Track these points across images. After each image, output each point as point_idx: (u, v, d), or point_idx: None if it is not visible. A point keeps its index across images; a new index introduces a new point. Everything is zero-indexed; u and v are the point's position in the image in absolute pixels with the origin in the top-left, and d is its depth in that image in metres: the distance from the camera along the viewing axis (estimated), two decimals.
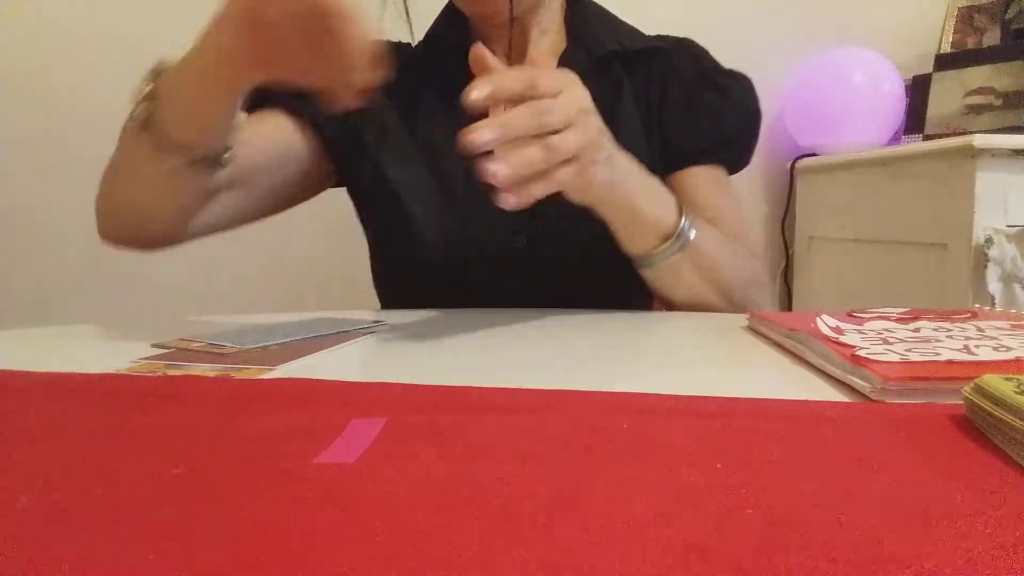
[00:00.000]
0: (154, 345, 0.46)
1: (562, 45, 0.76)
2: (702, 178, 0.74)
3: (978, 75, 1.35)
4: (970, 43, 1.52)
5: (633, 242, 0.62)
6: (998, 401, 0.26)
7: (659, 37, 0.79)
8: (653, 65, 0.76)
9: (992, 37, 1.49)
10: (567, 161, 0.48)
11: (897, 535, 0.19)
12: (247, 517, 0.20)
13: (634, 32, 0.78)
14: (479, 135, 0.43)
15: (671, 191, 0.64)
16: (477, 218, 0.66)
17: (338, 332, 0.49)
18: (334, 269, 1.51)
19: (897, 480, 0.23)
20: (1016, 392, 0.25)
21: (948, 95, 1.38)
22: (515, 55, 0.75)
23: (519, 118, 0.45)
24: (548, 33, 0.76)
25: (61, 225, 1.63)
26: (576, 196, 0.54)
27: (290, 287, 1.63)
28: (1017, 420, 0.24)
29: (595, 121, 0.51)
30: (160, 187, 0.57)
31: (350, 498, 0.21)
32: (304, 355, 0.42)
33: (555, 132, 0.47)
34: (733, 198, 0.77)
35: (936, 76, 1.41)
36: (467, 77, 0.46)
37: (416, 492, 0.22)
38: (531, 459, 0.25)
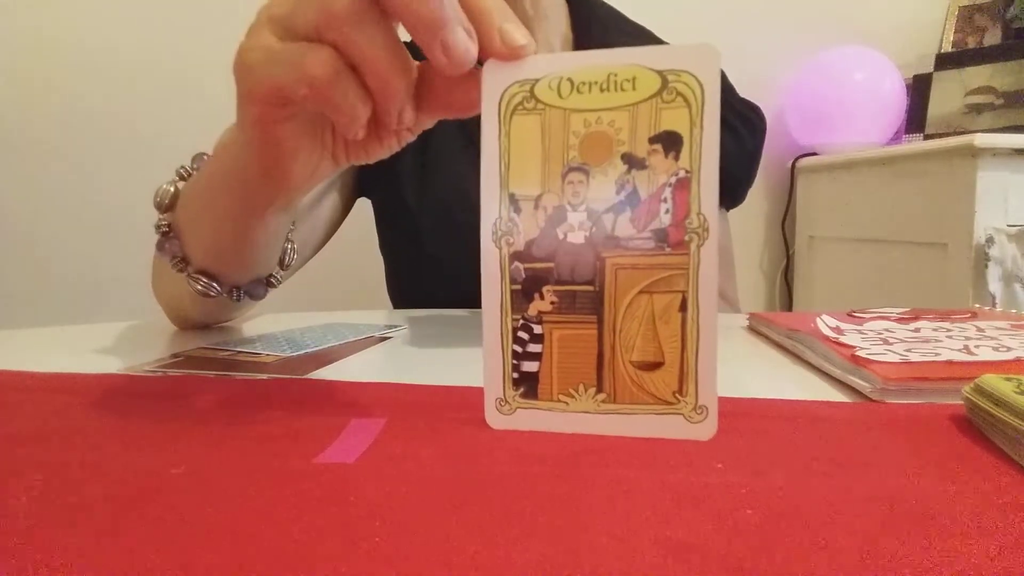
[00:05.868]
0: (175, 355, 0.43)
1: (569, 35, 0.74)
2: None
3: (979, 74, 1.35)
4: (971, 42, 1.52)
5: None
6: (998, 401, 0.26)
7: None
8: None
9: (993, 36, 1.49)
10: None
11: (896, 535, 0.19)
12: (247, 517, 0.20)
13: (641, 31, 0.76)
14: None
15: None
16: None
17: (365, 337, 0.49)
18: (333, 264, 1.51)
19: (897, 480, 0.22)
20: (1016, 392, 0.25)
21: (949, 94, 1.38)
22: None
23: None
24: (551, 19, 0.73)
25: (58, 226, 1.63)
26: None
27: (289, 284, 1.63)
28: (1017, 420, 0.24)
29: None
30: (193, 299, 0.47)
31: (350, 498, 0.21)
32: (335, 360, 0.42)
33: None
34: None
35: (937, 75, 1.41)
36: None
37: (416, 492, 0.22)
38: (531, 459, 0.25)
